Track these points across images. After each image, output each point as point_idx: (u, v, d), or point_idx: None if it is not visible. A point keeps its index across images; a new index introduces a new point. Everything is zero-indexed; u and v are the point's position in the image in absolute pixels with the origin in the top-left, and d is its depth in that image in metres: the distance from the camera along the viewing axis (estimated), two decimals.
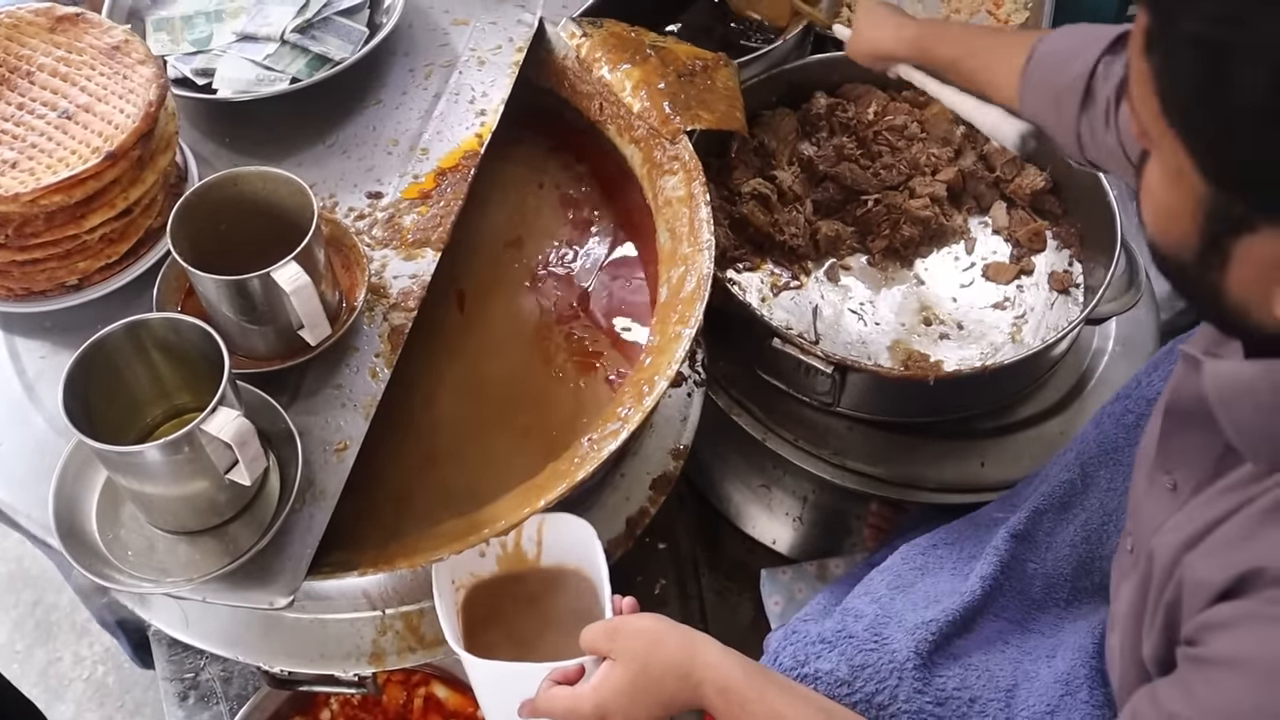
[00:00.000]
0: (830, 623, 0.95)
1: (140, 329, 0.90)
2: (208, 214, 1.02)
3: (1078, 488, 1.04)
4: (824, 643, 0.92)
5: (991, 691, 0.90)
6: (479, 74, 1.30)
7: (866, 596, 1.00)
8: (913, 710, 0.89)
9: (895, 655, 0.90)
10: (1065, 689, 0.90)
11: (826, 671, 0.90)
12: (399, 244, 1.14)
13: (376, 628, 1.11)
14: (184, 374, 0.94)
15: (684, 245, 1.16)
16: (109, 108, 1.06)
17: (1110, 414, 1.07)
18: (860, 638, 0.92)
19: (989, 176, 1.53)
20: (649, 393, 1.02)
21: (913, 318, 1.41)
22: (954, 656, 0.92)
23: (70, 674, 2.52)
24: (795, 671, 0.91)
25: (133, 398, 0.94)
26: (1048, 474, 1.08)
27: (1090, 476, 1.05)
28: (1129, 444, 1.04)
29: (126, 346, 0.90)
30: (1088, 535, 1.02)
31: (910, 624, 0.93)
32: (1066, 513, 1.03)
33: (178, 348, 0.92)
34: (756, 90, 1.53)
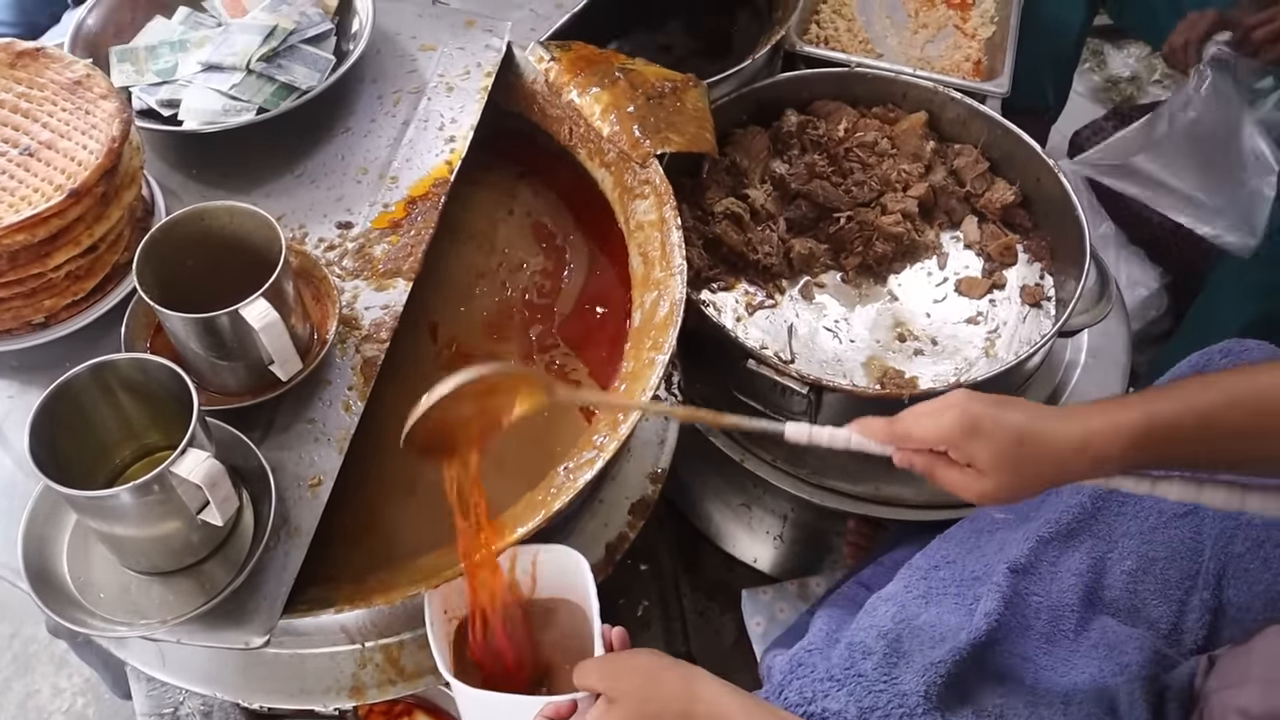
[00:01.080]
0: (838, 658, 0.94)
1: (106, 370, 0.89)
2: (174, 250, 1.01)
3: (1087, 511, 1.03)
4: (832, 680, 0.92)
5: None
6: (448, 100, 1.29)
7: (873, 630, 0.99)
8: None
9: (906, 699, 0.89)
10: None
11: (835, 712, 0.90)
12: (370, 274, 1.13)
13: (356, 661, 1.10)
14: (152, 413, 0.94)
15: (656, 270, 1.16)
16: (71, 144, 1.05)
17: None
18: (870, 677, 0.91)
19: (960, 191, 1.54)
20: (624, 420, 1.02)
21: (887, 334, 1.41)
22: (965, 699, 0.91)
23: (49, 706, 2.49)
24: (802, 709, 0.91)
25: (100, 439, 0.93)
26: (1056, 490, 1.07)
27: (1103, 499, 1.03)
28: None
29: (92, 388, 0.89)
30: (1094, 563, 1.01)
31: (919, 664, 0.92)
32: (1072, 540, 1.02)
33: (145, 387, 0.91)
34: (727, 109, 1.53)
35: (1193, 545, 1.02)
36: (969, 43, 1.81)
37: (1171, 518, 1.02)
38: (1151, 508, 1.05)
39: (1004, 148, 1.54)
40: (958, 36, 1.82)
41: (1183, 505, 1.03)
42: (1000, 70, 1.68)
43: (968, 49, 1.80)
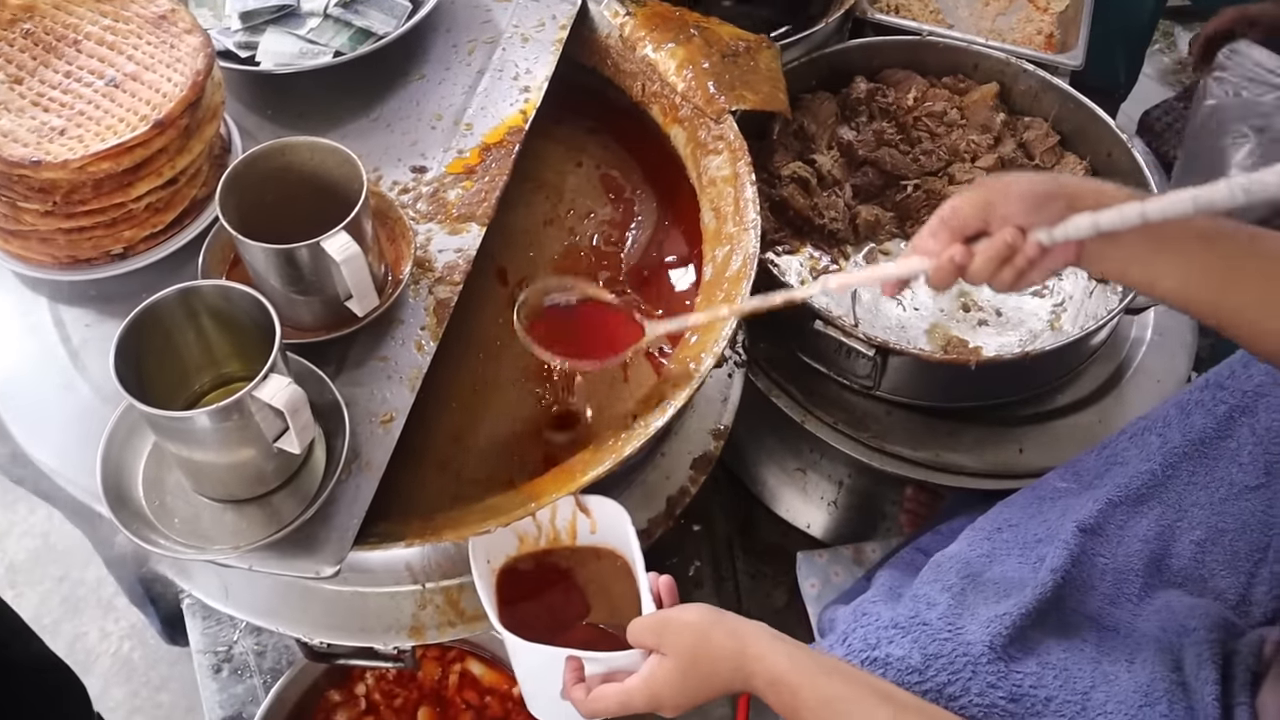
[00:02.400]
0: (902, 608, 0.94)
1: (192, 295, 0.90)
2: (255, 183, 1.01)
3: (1157, 479, 1.02)
4: (896, 628, 0.91)
5: (1067, 693, 0.88)
6: (523, 50, 1.29)
7: (937, 584, 0.98)
8: (985, 704, 0.87)
9: (970, 647, 0.89)
10: (1144, 699, 0.88)
11: (898, 657, 0.89)
12: (444, 218, 1.13)
13: (417, 602, 1.10)
14: (233, 342, 0.94)
15: (729, 225, 1.16)
16: (156, 76, 1.06)
17: (1199, 403, 1.04)
18: (934, 626, 0.90)
19: (1028, 164, 1.52)
20: (695, 370, 1.02)
21: (951, 303, 1.40)
22: (1029, 651, 0.91)
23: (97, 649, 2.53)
24: (865, 654, 0.90)
25: (182, 364, 0.94)
26: (1121, 456, 1.06)
27: (1172, 468, 1.02)
28: (1219, 436, 1.02)
29: (178, 312, 0.90)
30: (1161, 530, 1.00)
31: (985, 616, 0.91)
32: (1141, 505, 1.01)
33: (228, 315, 0.92)
34: (797, 74, 1.52)
35: (1264, 518, 1.01)
36: (1041, 16, 1.78)
37: (1243, 490, 1.01)
38: (1223, 479, 1.04)
39: (1075, 122, 1.52)
40: (1030, 9, 1.80)
41: (1255, 478, 1.02)
42: (1074, 44, 1.66)
43: (1040, 22, 1.77)
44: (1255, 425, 1.03)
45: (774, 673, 0.82)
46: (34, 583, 2.62)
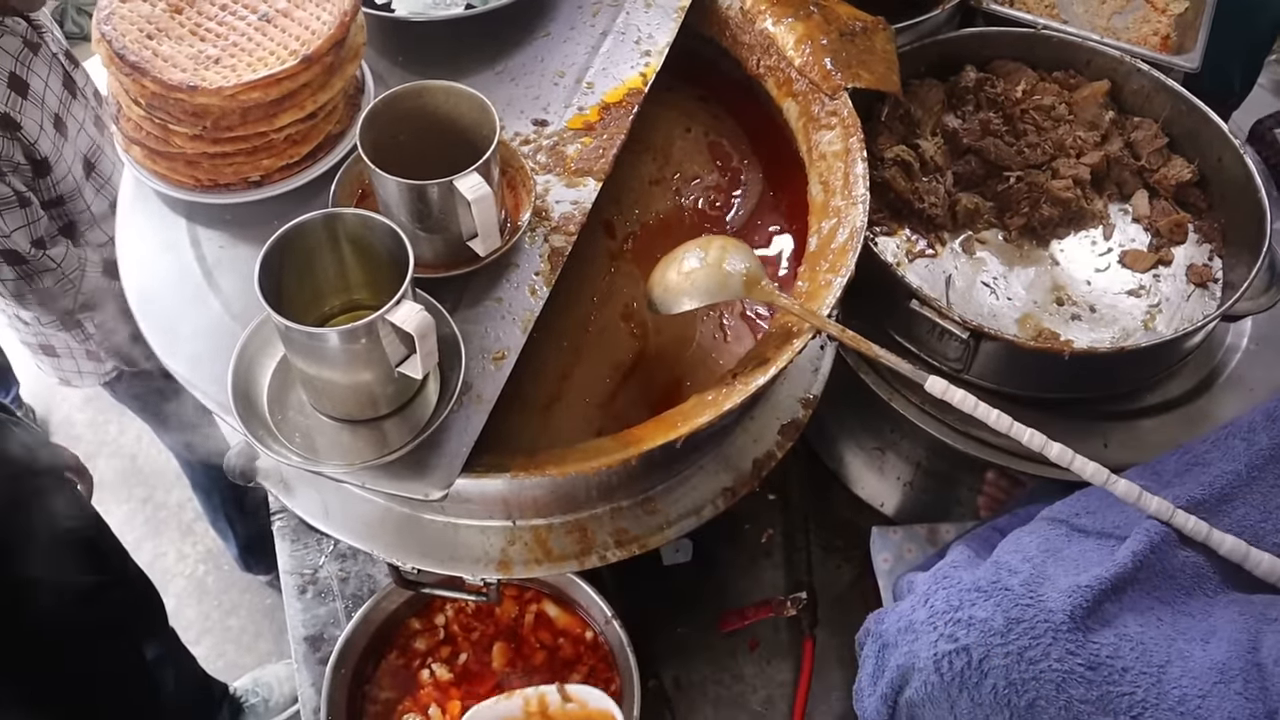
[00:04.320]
0: (984, 573, 0.96)
1: (336, 220, 0.95)
2: (391, 122, 1.06)
3: (1242, 480, 1.03)
4: (979, 591, 0.93)
5: (1144, 665, 0.90)
6: (645, 15, 1.33)
7: (1018, 554, 1.00)
8: (1064, 670, 0.89)
9: (1051, 615, 0.91)
10: (1220, 677, 0.90)
11: (981, 619, 0.92)
12: (562, 171, 1.17)
13: (506, 537, 1.15)
14: (366, 270, 0.99)
15: (837, 198, 1.18)
16: (306, 14, 1.11)
17: None
18: (1016, 591, 0.93)
19: (1134, 164, 1.52)
20: (798, 335, 1.05)
21: (1045, 296, 1.41)
22: (1107, 623, 0.93)
23: (174, 569, 2.65)
24: (949, 615, 0.93)
25: (318, 285, 0.99)
26: (1203, 459, 1.07)
27: (1259, 470, 1.03)
28: None
29: (321, 235, 0.95)
30: (1243, 531, 1.01)
31: (1065, 586, 0.93)
32: (1224, 505, 1.03)
33: (365, 242, 0.97)
34: (906, 59, 1.52)
35: None
36: (1158, 17, 1.77)
37: None
38: None
39: (1186, 125, 1.51)
40: (1147, 10, 1.78)
41: None
42: (1191, 46, 1.65)
43: (1156, 23, 1.76)
44: None
45: None
46: (120, 501, 2.75)
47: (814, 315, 1.04)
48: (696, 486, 1.18)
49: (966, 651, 0.91)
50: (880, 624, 1.01)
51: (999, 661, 0.91)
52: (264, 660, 2.42)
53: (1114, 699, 0.90)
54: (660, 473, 1.15)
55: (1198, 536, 1.00)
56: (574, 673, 1.34)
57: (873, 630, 1.02)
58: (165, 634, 1.97)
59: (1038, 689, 0.89)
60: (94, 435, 2.86)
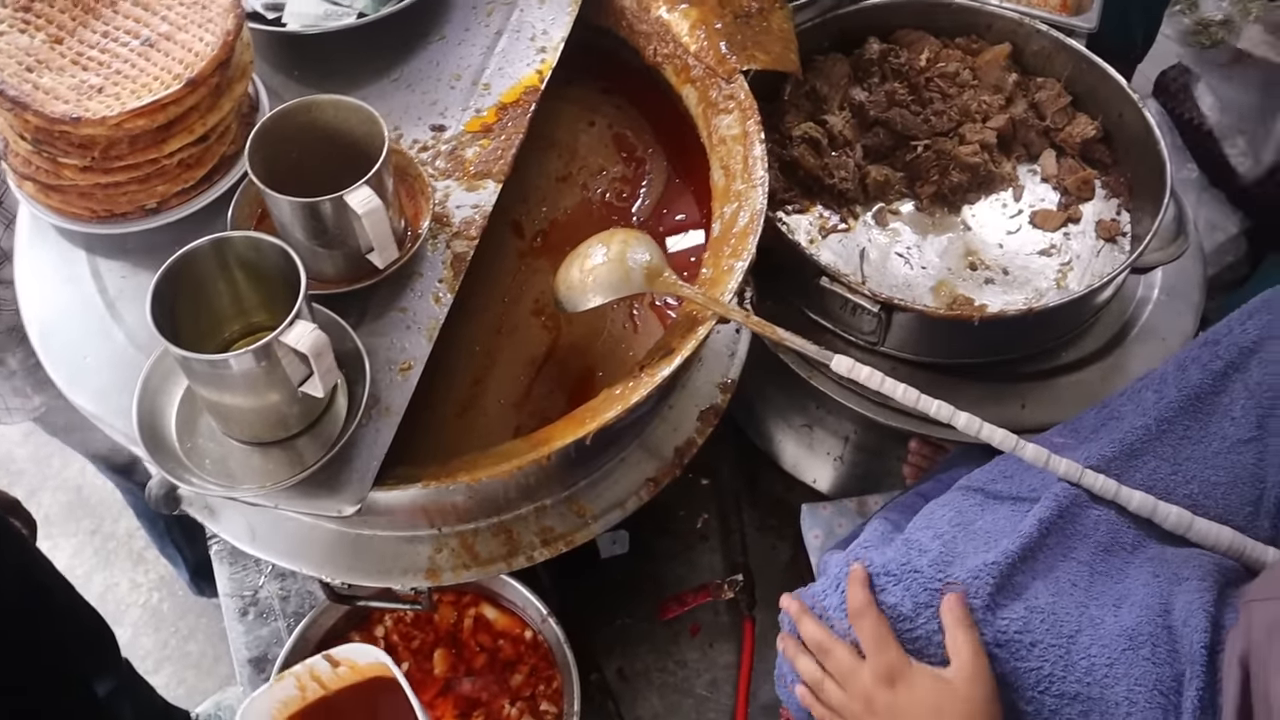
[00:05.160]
0: (894, 554, 0.97)
1: (224, 245, 0.95)
2: (282, 140, 1.05)
3: (1151, 433, 1.05)
4: (889, 575, 0.94)
5: (1053, 637, 0.92)
6: (539, 11, 1.32)
7: (929, 530, 1.01)
8: None
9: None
10: (1129, 643, 0.91)
11: (891, 605, 0.93)
12: (461, 175, 1.17)
13: (433, 545, 1.16)
14: (262, 292, 0.99)
15: (737, 182, 1.19)
16: (189, 36, 1.10)
17: (1195, 360, 1.07)
18: (925, 574, 0.94)
19: (1039, 125, 1.54)
20: (701, 323, 1.05)
21: (958, 262, 1.43)
22: (1017, 596, 0.94)
23: (127, 599, 2.62)
24: None
25: (214, 312, 0.99)
26: (1118, 413, 1.09)
27: (1168, 423, 1.05)
28: (1214, 391, 1.05)
29: (211, 262, 0.95)
30: (1154, 484, 1.03)
31: (973, 564, 0.94)
32: (1136, 460, 1.04)
33: (257, 266, 0.96)
34: (809, 35, 1.54)
35: (1255, 471, 1.04)
36: None
37: (1236, 443, 1.04)
38: (1216, 433, 1.06)
39: (1088, 82, 1.53)
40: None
41: (1247, 431, 1.04)
42: (1089, 5, 1.67)
43: None
44: (1248, 380, 1.06)
45: None
46: (68, 535, 2.71)
47: (716, 302, 1.05)
48: (619, 479, 1.19)
49: None
50: None
51: (910, 647, 0.93)
52: (225, 683, 2.40)
53: (1021, 675, 0.91)
54: (580, 469, 1.16)
55: (1106, 495, 1.02)
56: (515, 673, 1.34)
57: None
58: (119, 667, 1.94)
59: None
60: (37, 470, 2.82)
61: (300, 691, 1.14)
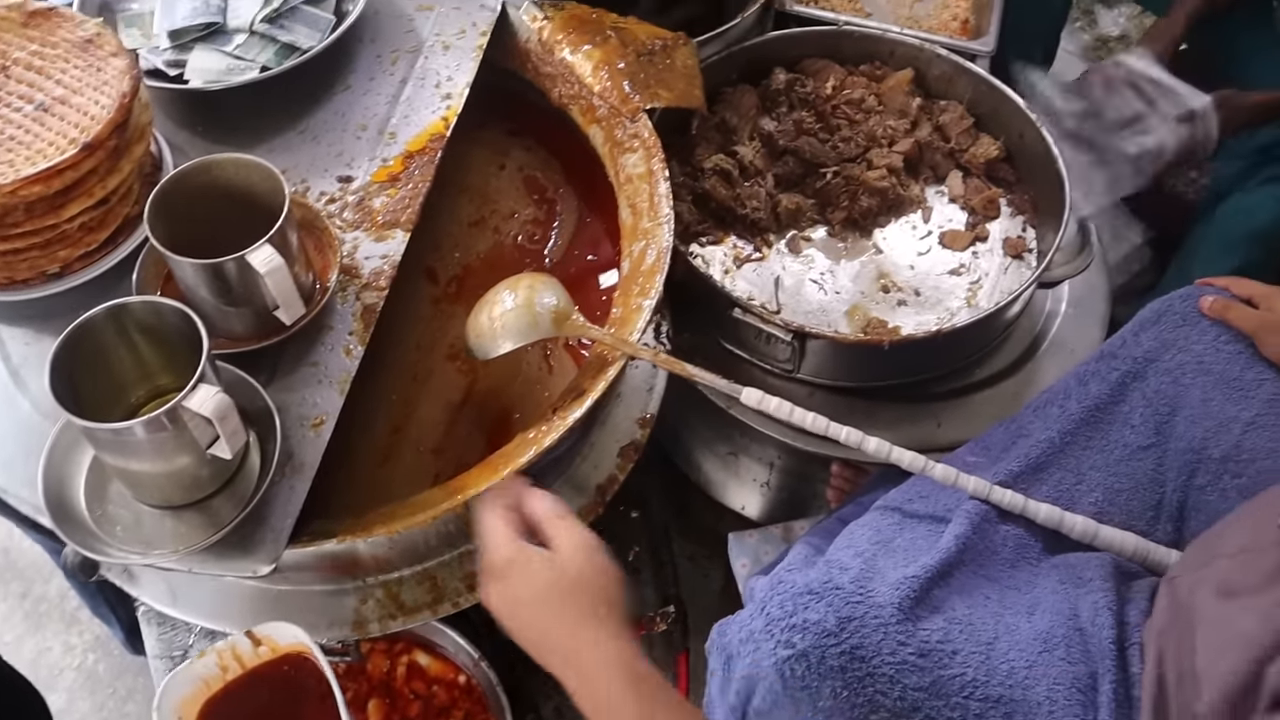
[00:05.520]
0: (816, 574, 0.98)
1: (122, 312, 0.94)
2: (183, 200, 1.05)
3: (1055, 446, 1.08)
4: (811, 594, 0.95)
5: (973, 645, 0.93)
6: (444, 59, 1.33)
7: (850, 550, 1.03)
8: (897, 662, 0.92)
9: (881, 610, 0.93)
10: (1044, 645, 0.94)
11: (815, 622, 0.94)
12: (370, 225, 1.17)
13: (358, 597, 1.15)
14: (165, 355, 0.98)
15: (644, 220, 1.20)
16: (84, 99, 1.09)
17: (1095, 373, 1.10)
18: (847, 590, 0.95)
19: (945, 147, 1.58)
20: (611, 363, 1.06)
21: (871, 285, 1.46)
22: (935, 609, 0.96)
23: (61, 663, 2.55)
24: (784, 621, 0.94)
25: (116, 379, 0.98)
26: (1025, 429, 1.12)
27: (1070, 435, 1.08)
28: (1113, 401, 1.08)
29: (109, 329, 0.94)
30: (1060, 495, 1.06)
31: (893, 579, 0.96)
32: (1041, 473, 1.07)
33: (158, 330, 0.96)
34: (716, 68, 1.57)
35: (1155, 476, 1.07)
36: (957, 2, 1.84)
37: (1136, 450, 1.07)
38: (1117, 441, 1.10)
39: (989, 104, 1.58)
40: (944, 15, 1.85)
41: (1146, 438, 1.08)
42: (987, 29, 1.72)
43: (955, 8, 1.83)
44: (1145, 389, 1.09)
45: (617, 663, 0.84)
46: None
47: (624, 342, 1.06)
48: None
49: (805, 656, 0.94)
50: (724, 635, 1.03)
51: (835, 662, 0.94)
52: None
53: (946, 682, 0.93)
54: None
55: (1015, 509, 1.05)
56: (450, 719, 1.34)
57: (717, 641, 1.04)
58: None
59: (874, 684, 0.92)
60: None
61: (222, 670, 1.12)
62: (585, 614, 0.85)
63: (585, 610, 0.85)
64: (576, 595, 0.86)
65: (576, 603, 0.85)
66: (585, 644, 0.85)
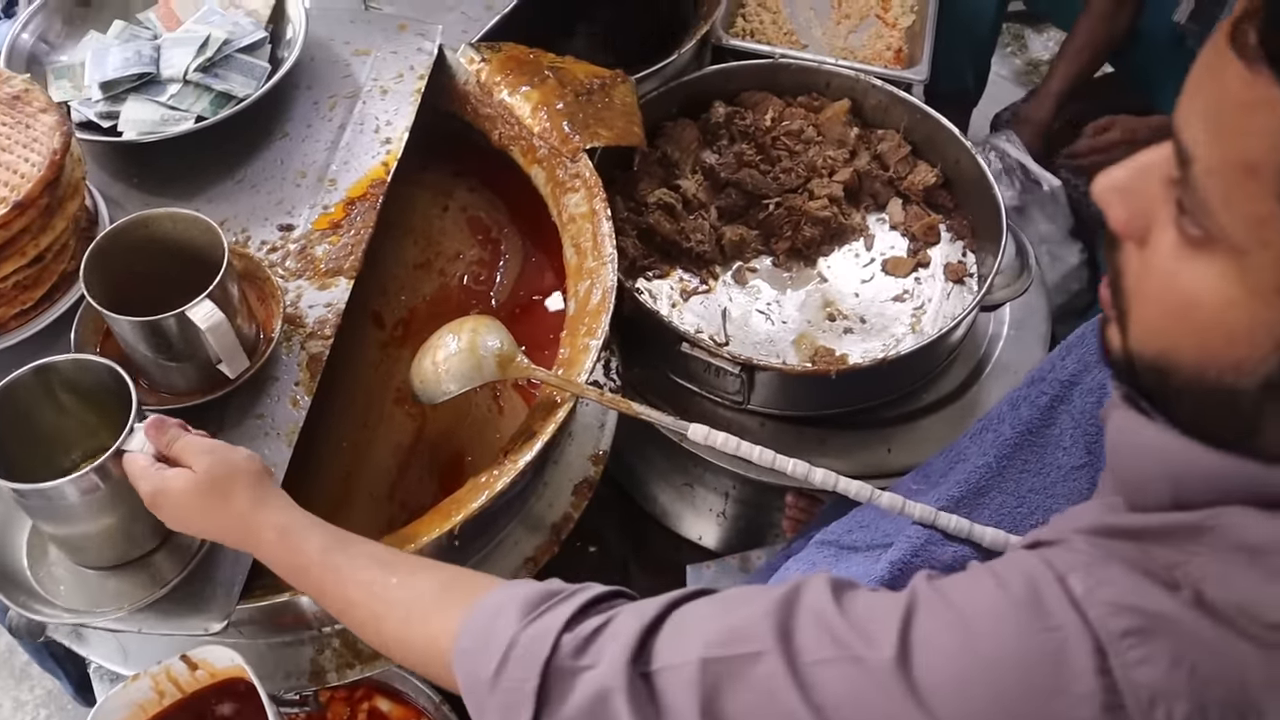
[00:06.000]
0: None
1: (49, 371, 0.92)
2: (120, 256, 1.04)
3: (993, 470, 1.09)
4: None
5: None
6: (382, 103, 1.33)
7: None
8: None
9: None
10: None
11: None
12: (313, 274, 1.17)
13: (315, 646, 1.14)
14: (100, 414, 0.97)
15: (589, 259, 1.21)
16: (13, 157, 1.08)
17: (1025, 398, 1.12)
18: None
19: (884, 175, 1.60)
20: (561, 405, 1.07)
21: (818, 314, 1.47)
22: None
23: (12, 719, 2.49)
24: None
25: (48, 441, 0.96)
26: (963, 455, 1.13)
27: (1006, 460, 1.09)
28: (1044, 424, 1.10)
29: (36, 390, 0.93)
30: (1000, 519, 1.07)
31: None
32: (982, 497, 1.08)
33: (88, 387, 0.94)
34: (656, 103, 1.58)
35: (1090, 493, 1.09)
36: (890, 32, 1.87)
37: (1070, 470, 1.09)
38: (1052, 463, 1.11)
39: (924, 131, 1.60)
40: (879, 26, 1.88)
41: (1079, 458, 1.09)
42: (920, 58, 1.75)
43: (889, 38, 1.86)
44: (1073, 410, 1.11)
45: (284, 523, 0.89)
46: None
47: (570, 383, 1.06)
48: (498, 561, 1.19)
49: None
50: None
51: None
52: None
53: None
54: (456, 555, 1.15)
55: (961, 534, 1.06)
56: None
57: None
58: None
59: None
60: None
61: (158, 695, 1.10)
62: (239, 502, 0.89)
63: (237, 499, 0.89)
64: (222, 490, 0.88)
65: (225, 496, 0.88)
66: (253, 525, 0.89)
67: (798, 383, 1.35)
